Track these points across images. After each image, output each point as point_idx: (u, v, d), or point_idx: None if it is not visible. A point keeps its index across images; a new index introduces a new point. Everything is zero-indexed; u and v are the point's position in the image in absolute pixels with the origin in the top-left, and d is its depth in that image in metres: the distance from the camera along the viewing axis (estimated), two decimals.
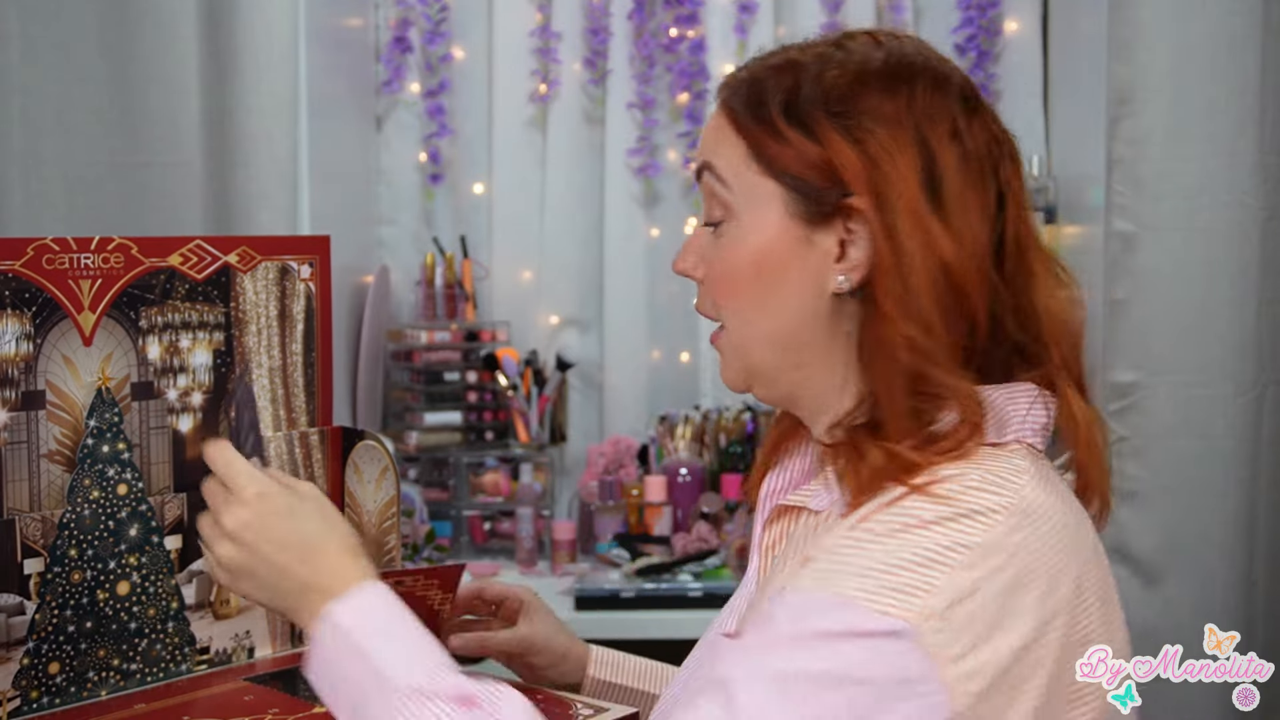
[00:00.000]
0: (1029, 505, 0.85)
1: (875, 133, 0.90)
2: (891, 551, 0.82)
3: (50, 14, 1.90)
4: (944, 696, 0.79)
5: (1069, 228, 2.72)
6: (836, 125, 0.91)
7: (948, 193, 0.89)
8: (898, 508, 0.84)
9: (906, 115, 0.91)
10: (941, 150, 0.90)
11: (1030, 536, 0.83)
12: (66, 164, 1.92)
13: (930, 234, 0.88)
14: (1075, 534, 0.87)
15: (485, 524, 2.71)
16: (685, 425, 2.69)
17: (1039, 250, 0.94)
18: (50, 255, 1.13)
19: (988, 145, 0.93)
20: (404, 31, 2.84)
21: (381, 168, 2.91)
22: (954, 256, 0.88)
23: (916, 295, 0.87)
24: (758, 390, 0.99)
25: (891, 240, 0.88)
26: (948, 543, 0.82)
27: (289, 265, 1.29)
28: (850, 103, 0.91)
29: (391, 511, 1.28)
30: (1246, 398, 2.10)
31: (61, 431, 1.14)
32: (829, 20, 2.80)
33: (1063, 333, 0.93)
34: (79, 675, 1.16)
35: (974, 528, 0.82)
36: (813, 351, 0.94)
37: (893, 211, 0.88)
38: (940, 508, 0.83)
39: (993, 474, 0.86)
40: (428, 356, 2.75)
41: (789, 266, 0.93)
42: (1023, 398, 0.91)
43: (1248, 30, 2.05)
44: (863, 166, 0.89)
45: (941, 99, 0.92)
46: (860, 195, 0.89)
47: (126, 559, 1.19)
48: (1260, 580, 2.12)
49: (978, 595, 0.80)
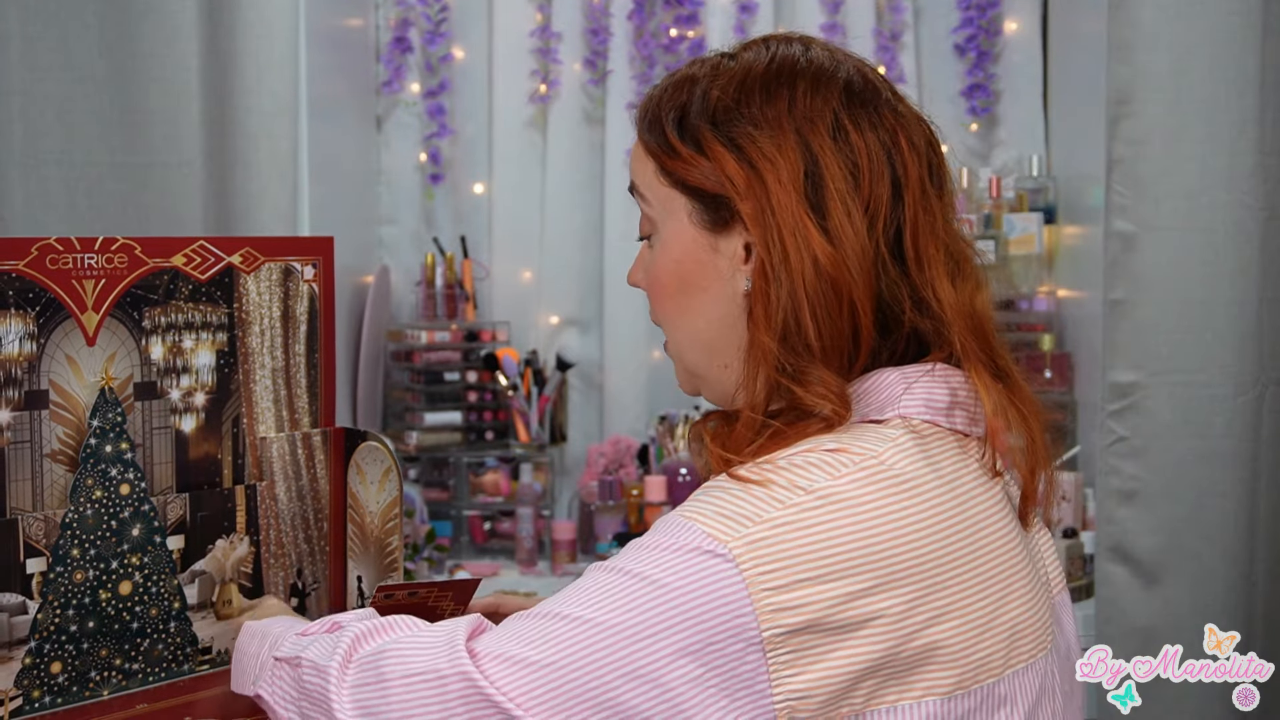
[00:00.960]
0: (887, 468, 0.88)
1: (757, 140, 0.95)
2: (738, 487, 0.88)
3: (50, 14, 1.90)
4: (753, 621, 0.83)
5: (1069, 228, 2.72)
6: (720, 137, 0.96)
7: (829, 193, 0.93)
8: (761, 458, 0.91)
9: (787, 119, 0.95)
10: (823, 151, 0.94)
11: (876, 496, 0.87)
12: (66, 164, 1.92)
13: (807, 236, 0.92)
14: (941, 505, 0.89)
15: (485, 524, 2.71)
16: (685, 425, 2.69)
17: (936, 240, 0.96)
18: (54, 255, 1.13)
19: (880, 138, 0.96)
20: (404, 31, 2.85)
21: (381, 168, 2.92)
22: (828, 257, 0.92)
23: (785, 296, 0.92)
24: (704, 392, 1.05)
25: (769, 245, 0.93)
26: (788, 483, 0.87)
27: (292, 266, 1.29)
28: (733, 112, 0.97)
29: (394, 512, 1.28)
30: (1246, 398, 2.10)
31: (64, 431, 1.15)
32: (829, 20, 2.80)
33: (961, 318, 0.95)
34: (81, 675, 1.16)
35: (818, 475, 0.87)
36: (734, 352, 0.99)
37: (771, 216, 0.93)
38: (795, 456, 0.89)
39: (858, 438, 0.90)
40: (428, 356, 2.75)
41: (703, 273, 0.99)
42: (914, 374, 0.95)
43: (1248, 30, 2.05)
44: (744, 175, 0.95)
45: (823, 99, 0.96)
46: (744, 202, 0.95)
47: (129, 559, 1.19)
48: (1260, 580, 2.12)
49: (806, 535, 0.84)
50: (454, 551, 2.66)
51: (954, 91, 2.88)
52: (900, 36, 2.83)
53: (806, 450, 0.89)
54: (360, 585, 1.32)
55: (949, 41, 2.86)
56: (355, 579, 1.33)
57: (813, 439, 0.91)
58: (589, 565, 0.93)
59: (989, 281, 1.00)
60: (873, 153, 0.95)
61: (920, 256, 0.95)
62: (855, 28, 2.81)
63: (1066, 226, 2.73)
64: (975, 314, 0.97)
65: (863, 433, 0.91)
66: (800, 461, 0.88)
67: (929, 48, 2.89)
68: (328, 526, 1.33)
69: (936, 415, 0.94)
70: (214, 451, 1.25)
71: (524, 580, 2.55)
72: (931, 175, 0.98)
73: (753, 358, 0.95)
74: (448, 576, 2.54)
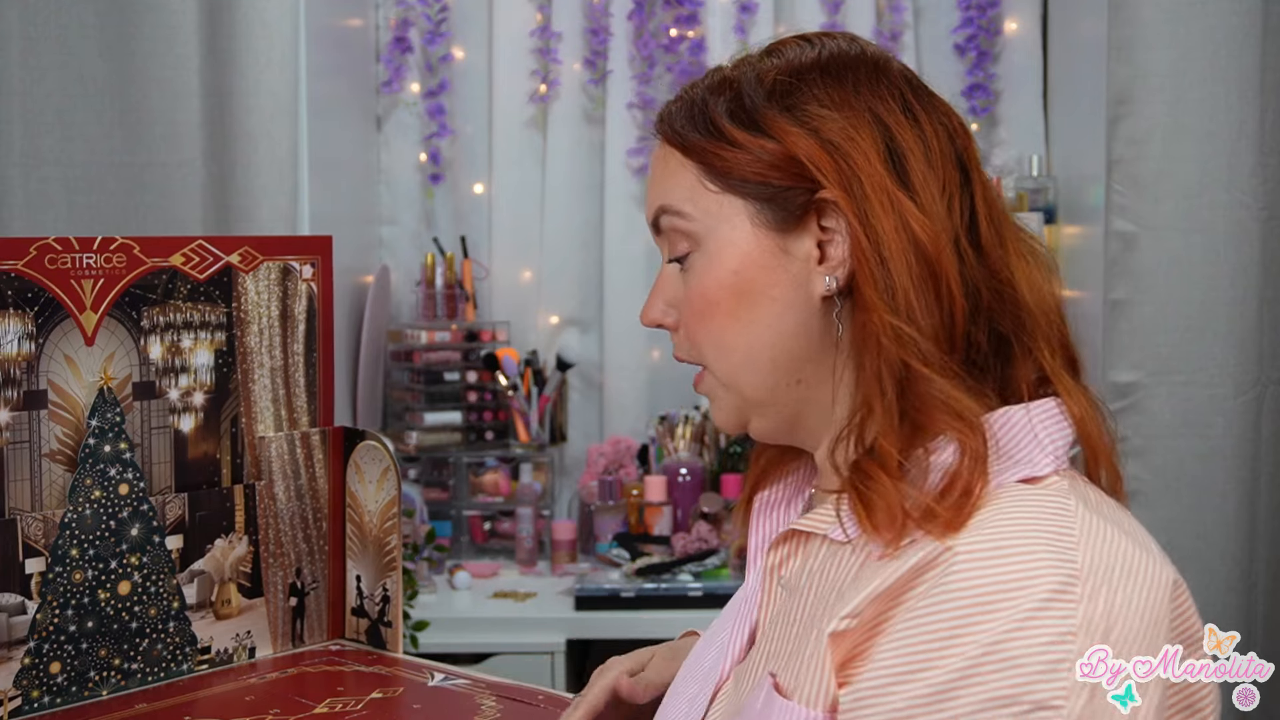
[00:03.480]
0: (1096, 559, 0.76)
1: (829, 118, 0.86)
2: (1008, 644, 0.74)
3: (50, 14, 1.90)
4: None
5: (1069, 228, 2.72)
6: (788, 117, 0.87)
7: (912, 169, 0.86)
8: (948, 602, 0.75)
9: (855, 99, 0.87)
10: (898, 127, 0.87)
11: (1115, 592, 0.76)
12: (66, 164, 1.92)
13: (903, 213, 0.84)
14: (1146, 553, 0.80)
15: (485, 524, 2.71)
16: (685, 425, 2.69)
17: (1012, 226, 0.90)
18: (53, 255, 1.13)
19: (942, 119, 0.90)
20: (404, 31, 2.85)
21: (381, 168, 2.92)
22: (927, 234, 0.83)
23: (896, 278, 0.83)
24: (756, 424, 0.93)
25: (867, 226, 0.84)
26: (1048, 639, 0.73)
27: (291, 265, 1.29)
28: (796, 95, 0.88)
29: (393, 512, 1.28)
30: (1246, 398, 2.10)
31: (63, 431, 1.15)
32: (829, 20, 2.80)
33: (1045, 308, 0.88)
34: (80, 675, 1.16)
35: (1062, 608, 0.74)
36: (810, 365, 0.89)
37: (863, 195, 0.84)
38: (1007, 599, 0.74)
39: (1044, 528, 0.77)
40: (428, 356, 2.75)
41: (770, 282, 0.88)
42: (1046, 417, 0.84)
43: (1248, 30, 2.05)
44: (824, 153, 0.85)
45: (886, 81, 0.89)
46: (829, 185, 0.85)
47: (128, 559, 1.19)
48: (1260, 580, 2.12)
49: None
50: (454, 551, 2.66)
51: (954, 91, 2.87)
52: (900, 36, 2.83)
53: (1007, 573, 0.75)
54: (359, 584, 1.32)
55: (949, 41, 2.86)
56: (354, 578, 1.33)
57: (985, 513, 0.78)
58: None
59: (1057, 269, 0.92)
60: (939, 133, 0.88)
61: (999, 237, 0.88)
62: (855, 28, 2.81)
63: (1066, 226, 2.73)
64: (1054, 306, 0.88)
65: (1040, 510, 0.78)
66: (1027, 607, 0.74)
67: (929, 48, 2.89)
68: (326, 526, 1.33)
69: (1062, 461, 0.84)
70: (213, 451, 1.25)
71: (524, 580, 2.55)
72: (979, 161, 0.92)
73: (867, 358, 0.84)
74: (448, 576, 2.54)
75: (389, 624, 1.30)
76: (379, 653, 1.29)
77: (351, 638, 1.34)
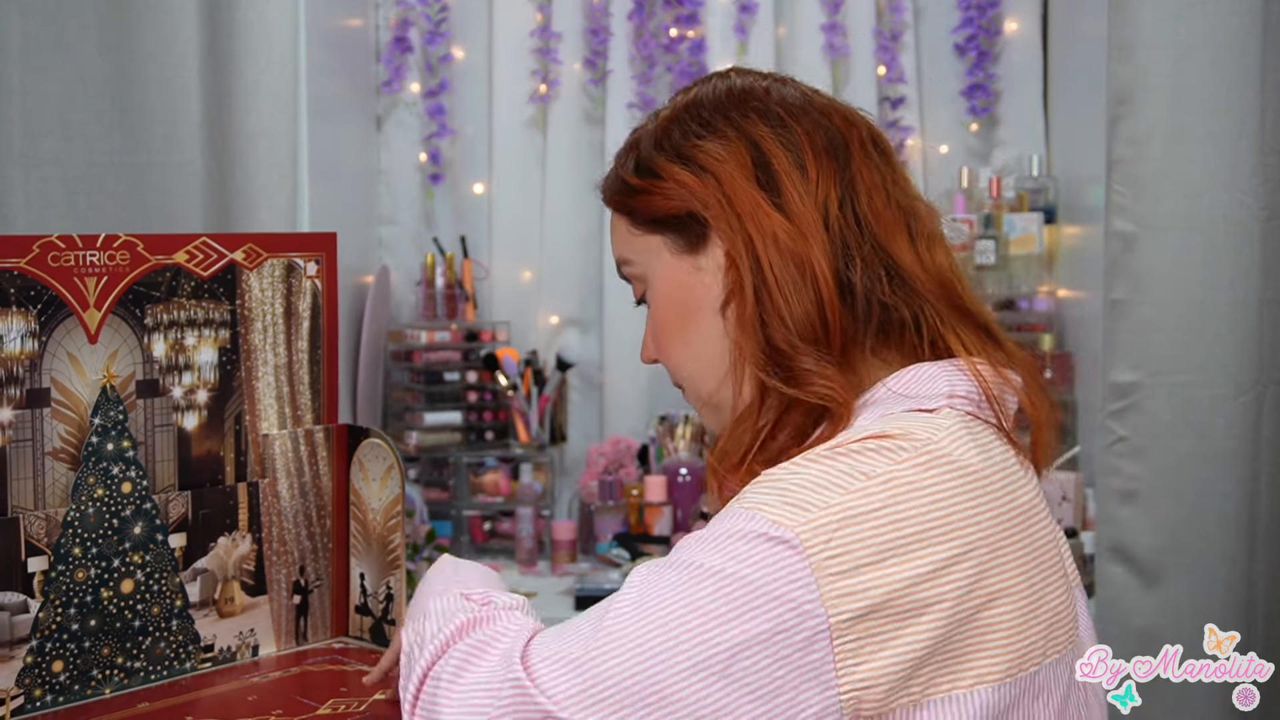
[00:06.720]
0: (942, 452, 0.89)
1: (701, 148, 1.00)
2: (801, 473, 0.88)
3: (50, 14, 1.90)
4: (819, 607, 0.83)
5: (1069, 228, 2.72)
6: (670, 157, 1.01)
7: (777, 172, 0.97)
8: (821, 444, 0.91)
9: (725, 123, 1.00)
10: (764, 138, 0.98)
11: (938, 480, 0.88)
12: (66, 164, 1.91)
13: (766, 216, 0.96)
14: (996, 491, 0.90)
15: (485, 524, 2.71)
16: (685, 425, 2.69)
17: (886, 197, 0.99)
18: (56, 253, 1.13)
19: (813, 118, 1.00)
20: (404, 31, 2.85)
21: (381, 168, 2.91)
22: (787, 232, 0.95)
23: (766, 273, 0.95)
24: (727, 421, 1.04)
25: (738, 233, 0.97)
26: (849, 469, 0.87)
27: (295, 262, 1.29)
28: (675, 137, 1.02)
29: (396, 510, 1.28)
30: (1246, 398, 2.10)
31: (66, 429, 1.14)
32: (829, 20, 2.80)
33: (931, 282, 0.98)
34: (83, 673, 1.16)
35: (879, 460, 0.88)
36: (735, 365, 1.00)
37: (731, 209, 0.97)
38: (853, 444, 0.89)
39: (913, 425, 0.91)
40: (428, 356, 2.75)
41: (698, 299, 1.01)
42: (936, 373, 0.96)
43: (1248, 30, 2.05)
44: (698, 181, 0.99)
45: (755, 102, 1.01)
46: (707, 208, 0.98)
47: (130, 557, 1.19)
48: (1260, 580, 2.12)
49: (869, 520, 0.85)
50: (454, 551, 2.65)
51: (954, 91, 2.88)
52: (900, 36, 2.83)
53: (864, 438, 0.89)
54: (363, 582, 1.32)
55: (949, 41, 2.86)
56: (358, 576, 1.33)
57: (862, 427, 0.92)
58: (636, 566, 0.92)
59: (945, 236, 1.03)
60: (808, 129, 0.99)
61: (873, 213, 0.98)
62: (855, 28, 2.81)
63: (1066, 226, 2.73)
64: (940, 274, 0.99)
65: (915, 421, 0.92)
66: (859, 449, 0.89)
67: (929, 48, 2.89)
68: (330, 523, 1.33)
69: (973, 407, 0.96)
70: (216, 449, 1.25)
71: (524, 580, 2.55)
72: (876, 144, 1.02)
73: (738, 358, 0.97)
74: None
75: (392, 622, 1.30)
76: (382, 651, 1.29)
77: (355, 636, 1.34)
